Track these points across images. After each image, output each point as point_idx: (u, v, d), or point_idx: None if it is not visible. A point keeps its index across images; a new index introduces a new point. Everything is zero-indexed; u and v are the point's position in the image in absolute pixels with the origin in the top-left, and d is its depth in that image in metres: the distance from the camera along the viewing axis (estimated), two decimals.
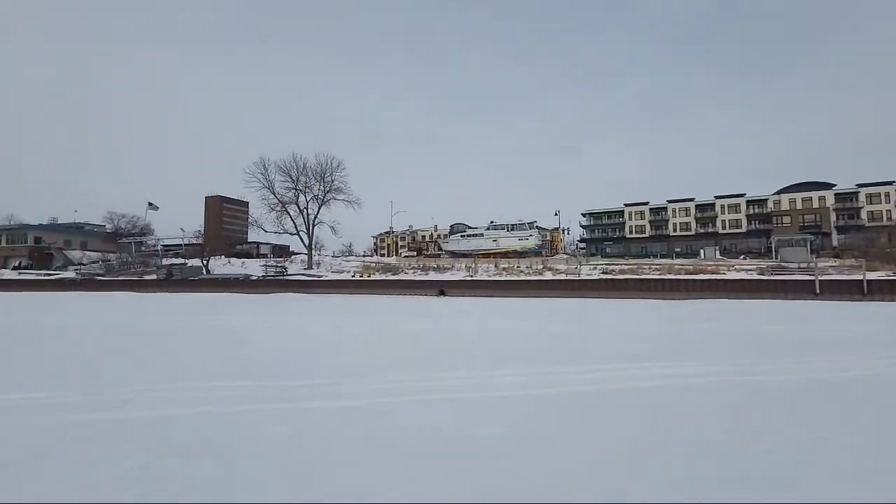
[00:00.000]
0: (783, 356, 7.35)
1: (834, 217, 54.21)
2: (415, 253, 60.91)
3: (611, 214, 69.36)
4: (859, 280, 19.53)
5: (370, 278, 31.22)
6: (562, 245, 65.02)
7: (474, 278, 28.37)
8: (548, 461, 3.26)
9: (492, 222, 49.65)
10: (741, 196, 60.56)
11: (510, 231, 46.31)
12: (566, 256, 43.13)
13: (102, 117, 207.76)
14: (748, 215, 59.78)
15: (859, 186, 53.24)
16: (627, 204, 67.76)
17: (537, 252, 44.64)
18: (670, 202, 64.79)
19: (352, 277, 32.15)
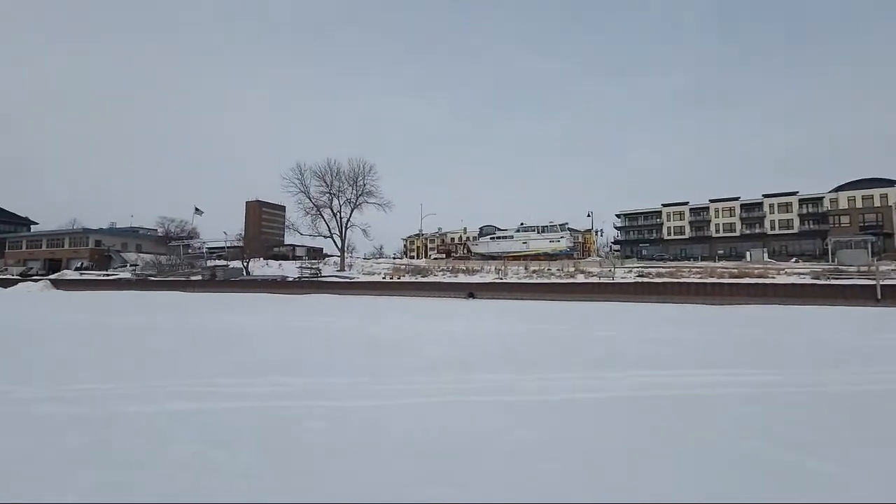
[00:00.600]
0: (834, 366, 6.85)
1: None
2: (444, 255, 61.19)
3: (647, 215, 66.89)
4: None
5: (400, 280, 31.67)
6: (595, 247, 63.30)
7: (504, 281, 28.16)
8: (581, 465, 3.23)
9: (522, 224, 49.11)
10: (793, 194, 56.76)
11: (541, 233, 45.61)
12: (599, 259, 41.96)
13: (151, 126, 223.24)
14: (801, 215, 55.94)
15: None
16: (665, 204, 65.13)
17: (569, 254, 43.74)
18: (712, 202, 61.71)
19: (382, 279, 32.73)
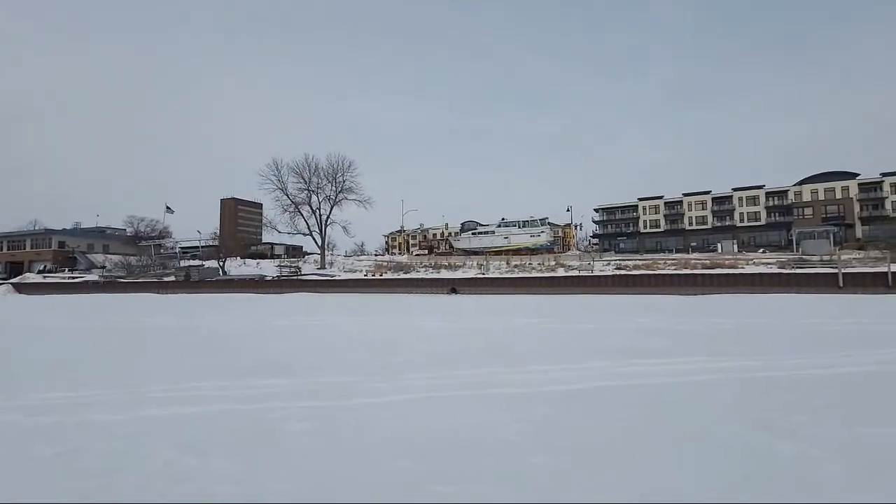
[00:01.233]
0: (798, 351, 7.18)
1: (858, 208, 52.45)
2: (426, 251, 61.04)
3: (624, 209, 68.34)
4: (884, 272, 18.90)
5: (382, 277, 31.44)
6: (574, 241, 64.40)
7: (486, 276, 28.33)
8: (573, 458, 3.25)
9: (503, 219, 49.42)
10: (760, 188, 59.02)
11: (521, 228, 45.99)
12: (579, 252, 42.71)
13: (119, 121, 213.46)
14: (767, 207, 58.26)
15: (884, 175, 51.35)
16: (641, 198, 66.67)
17: (549, 249, 44.30)
18: (686, 195, 63.54)
19: (364, 276, 32.42)
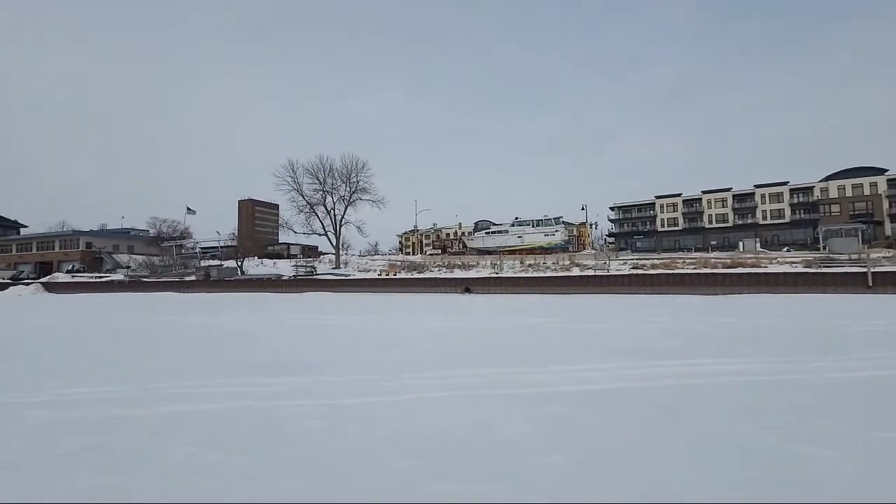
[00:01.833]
0: (820, 353, 6.92)
1: (887, 204, 50.35)
2: (439, 251, 61.06)
3: (640, 207, 67.13)
4: None
5: (396, 276, 31.62)
6: (589, 240, 63.56)
7: (500, 275, 28.21)
8: (583, 459, 3.22)
9: (517, 218, 49.11)
10: (783, 184, 57.21)
11: (535, 227, 45.62)
12: (594, 251, 42.15)
13: (141, 124, 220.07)
14: (792, 204, 56.44)
15: None
16: (658, 196, 65.37)
17: (564, 248, 43.86)
18: (705, 193, 62.06)
19: (378, 276, 32.66)
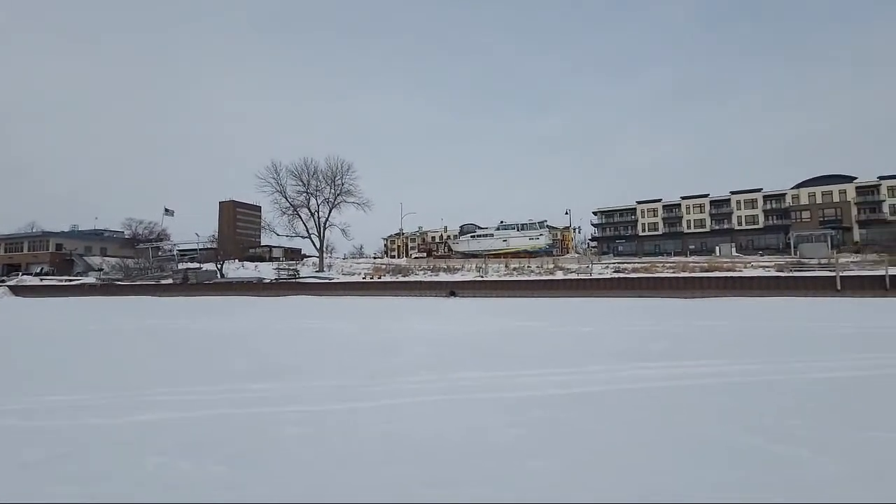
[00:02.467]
0: (795, 355, 7.16)
1: (855, 211, 52.60)
2: (425, 254, 60.98)
3: (622, 212, 68.44)
4: (882, 276, 18.94)
5: (381, 280, 31.37)
6: (573, 244, 64.47)
7: (484, 279, 28.28)
8: (568, 460, 3.22)
9: (502, 222, 49.48)
10: (757, 191, 59.20)
11: (520, 231, 46.06)
12: (577, 255, 42.76)
13: (117, 122, 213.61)
14: (765, 211, 58.42)
15: (881, 179, 51.52)
16: (640, 201, 66.81)
17: (548, 252, 44.32)
18: (684, 199, 63.69)
19: (363, 279, 32.36)
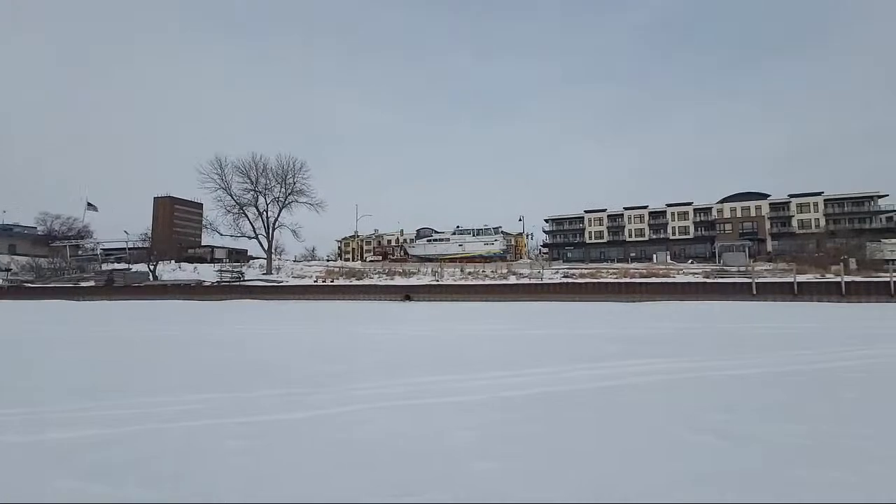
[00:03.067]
0: (722, 354, 7.89)
1: (769, 225, 59.17)
2: (380, 257, 60.07)
3: (572, 220, 71.85)
4: (791, 282, 21.43)
5: (334, 283, 30.46)
6: (526, 250, 66.51)
7: (440, 283, 28.39)
8: (521, 462, 3.28)
9: (458, 227, 50.07)
10: (689, 204, 64.75)
11: (476, 236, 46.91)
12: (529, 261, 44.22)
13: (39, 109, 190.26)
14: (695, 222, 63.96)
15: (791, 197, 58.51)
16: (587, 210, 70.52)
17: (502, 257, 45.46)
18: (626, 209, 68.10)
19: (314, 283, 31.25)
